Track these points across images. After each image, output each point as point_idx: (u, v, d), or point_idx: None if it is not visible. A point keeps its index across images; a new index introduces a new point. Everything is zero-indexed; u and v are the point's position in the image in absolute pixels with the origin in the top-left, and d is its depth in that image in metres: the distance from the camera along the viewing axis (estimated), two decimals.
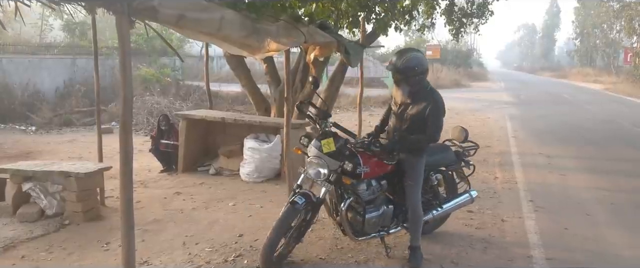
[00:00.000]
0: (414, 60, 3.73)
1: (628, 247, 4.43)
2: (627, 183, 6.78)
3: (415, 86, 3.76)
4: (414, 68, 3.69)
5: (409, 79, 3.73)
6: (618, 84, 30.47)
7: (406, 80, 3.75)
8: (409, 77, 3.72)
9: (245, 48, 3.76)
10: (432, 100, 3.71)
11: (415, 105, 3.75)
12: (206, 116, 7.06)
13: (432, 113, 3.67)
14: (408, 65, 3.70)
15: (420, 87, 3.77)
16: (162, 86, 15.06)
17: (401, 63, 3.72)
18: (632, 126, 12.98)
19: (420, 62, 3.75)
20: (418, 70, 3.70)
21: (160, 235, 4.55)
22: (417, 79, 3.73)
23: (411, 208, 3.96)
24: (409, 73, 3.70)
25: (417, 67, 3.70)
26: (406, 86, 3.77)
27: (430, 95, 3.75)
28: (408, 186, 3.93)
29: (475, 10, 11.73)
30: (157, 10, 2.46)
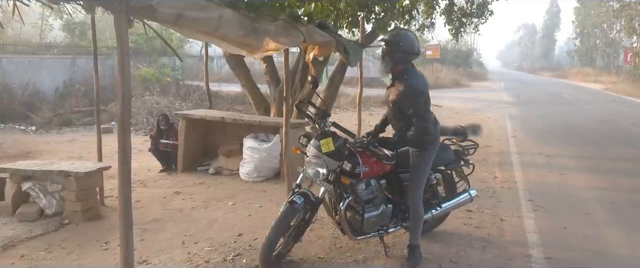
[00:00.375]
0: (400, 37, 3.72)
1: (627, 246, 4.43)
2: (626, 183, 6.78)
3: (397, 63, 3.69)
4: (399, 43, 3.66)
5: (392, 53, 3.69)
6: (618, 84, 30.48)
7: (390, 55, 3.70)
8: (393, 51, 3.68)
9: (243, 47, 3.77)
10: (406, 83, 3.63)
11: (395, 89, 3.71)
12: (205, 116, 7.07)
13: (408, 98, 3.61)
14: (393, 39, 3.70)
15: (402, 69, 3.71)
16: (162, 86, 15.08)
17: (388, 36, 3.79)
18: (632, 126, 12.98)
19: (406, 39, 3.71)
20: (402, 47, 3.65)
21: (159, 234, 4.55)
22: (400, 55, 3.67)
23: (412, 206, 3.94)
24: (393, 47, 3.68)
25: (402, 42, 3.66)
26: (390, 61, 3.71)
27: (406, 78, 3.67)
28: (410, 183, 3.93)
29: (475, 10, 11.73)
30: (156, 10, 2.46)
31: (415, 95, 3.63)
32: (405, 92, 3.62)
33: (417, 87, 3.65)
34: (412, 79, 3.67)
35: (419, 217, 3.96)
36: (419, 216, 3.96)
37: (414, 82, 3.65)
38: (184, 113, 7.40)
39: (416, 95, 3.63)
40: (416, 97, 3.63)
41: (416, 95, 3.63)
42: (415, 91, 3.63)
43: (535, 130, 11.90)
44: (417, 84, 3.66)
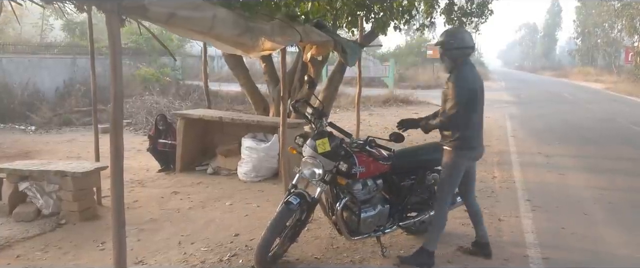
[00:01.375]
0: (451, 35, 3.81)
1: (625, 246, 4.41)
2: (625, 182, 6.76)
3: (454, 61, 3.76)
4: (449, 41, 3.74)
5: (446, 51, 3.77)
6: (619, 83, 30.41)
7: (447, 54, 3.78)
8: (446, 50, 3.77)
9: (239, 46, 3.76)
10: (457, 75, 3.68)
11: (447, 83, 3.75)
12: (204, 115, 7.06)
13: (453, 90, 3.62)
14: (445, 39, 3.78)
15: (459, 64, 3.75)
16: (162, 86, 15.10)
17: (441, 37, 3.83)
18: (632, 125, 12.94)
19: (457, 36, 3.79)
20: (454, 44, 3.72)
21: (156, 234, 4.54)
22: (454, 52, 3.74)
23: (435, 209, 3.91)
24: (445, 46, 3.76)
25: (453, 40, 3.74)
26: (448, 59, 3.79)
27: (457, 73, 3.71)
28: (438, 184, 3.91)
29: (475, 9, 11.71)
30: (147, 9, 2.45)
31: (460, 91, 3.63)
32: (452, 87, 3.64)
33: (464, 83, 3.66)
34: (461, 73, 3.71)
35: (440, 219, 3.88)
36: (440, 218, 3.88)
37: (461, 77, 3.68)
38: (182, 113, 7.39)
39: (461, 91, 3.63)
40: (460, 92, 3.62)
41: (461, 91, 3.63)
42: (460, 87, 3.63)
43: (535, 130, 11.88)
44: (464, 79, 3.67)
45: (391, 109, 16.75)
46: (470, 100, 3.65)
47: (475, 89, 3.71)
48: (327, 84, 9.58)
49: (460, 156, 3.77)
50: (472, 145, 3.81)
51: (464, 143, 3.75)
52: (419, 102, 18.16)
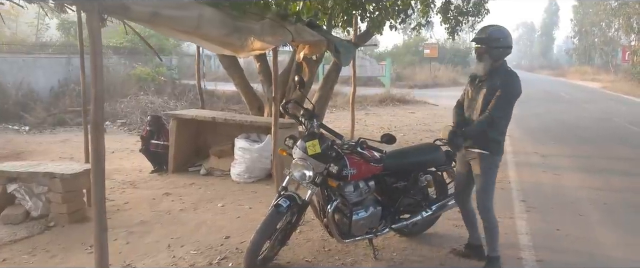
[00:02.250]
0: (498, 32, 3.62)
1: (620, 248, 4.37)
2: (621, 183, 6.71)
3: (497, 59, 3.59)
4: (498, 38, 3.57)
5: (492, 49, 3.57)
6: (616, 82, 30.44)
7: (489, 52, 3.57)
8: (492, 48, 3.57)
9: (226, 46, 3.69)
10: (506, 79, 3.53)
11: (489, 82, 3.57)
12: (197, 116, 6.99)
13: (501, 93, 3.48)
14: (491, 36, 3.60)
15: (500, 64, 3.62)
16: (157, 85, 15.01)
17: (485, 33, 3.63)
18: (629, 124, 12.91)
19: (504, 34, 3.63)
20: (502, 42, 3.57)
21: (145, 237, 4.48)
22: (500, 51, 3.57)
23: (482, 216, 3.78)
24: (493, 43, 3.57)
25: (501, 38, 3.58)
26: (489, 58, 3.59)
27: (506, 75, 3.57)
28: (477, 190, 3.76)
29: (472, 8, 11.67)
30: (129, 8, 2.39)
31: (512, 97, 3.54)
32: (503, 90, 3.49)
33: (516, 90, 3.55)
34: (513, 78, 3.58)
35: (493, 226, 3.76)
36: (492, 225, 3.76)
37: (515, 83, 3.55)
38: (175, 113, 7.32)
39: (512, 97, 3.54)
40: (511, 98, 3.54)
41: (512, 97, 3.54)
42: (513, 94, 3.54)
43: (531, 129, 11.84)
44: (517, 86, 3.56)
45: (388, 108, 16.70)
46: (513, 104, 3.59)
47: (520, 94, 3.61)
48: (323, 84, 9.51)
49: (497, 161, 3.69)
50: (503, 149, 3.75)
51: (500, 148, 3.69)
52: (416, 102, 18.11)
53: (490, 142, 3.62)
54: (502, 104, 3.49)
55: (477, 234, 4.04)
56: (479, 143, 3.63)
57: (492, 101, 3.50)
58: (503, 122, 3.62)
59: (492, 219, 3.78)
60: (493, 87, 3.52)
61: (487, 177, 3.67)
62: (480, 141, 3.63)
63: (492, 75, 3.58)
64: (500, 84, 3.51)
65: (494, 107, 3.48)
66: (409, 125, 12.32)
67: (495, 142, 3.64)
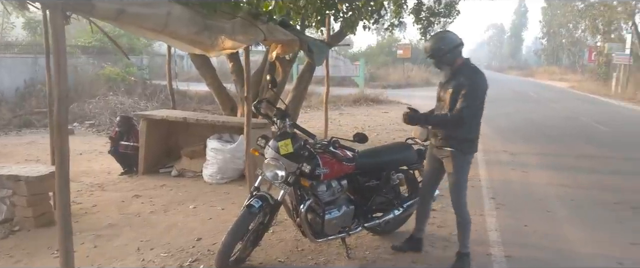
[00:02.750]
0: (439, 42, 3.69)
1: (586, 244, 4.48)
2: (587, 180, 6.90)
3: (453, 62, 3.66)
4: (441, 48, 3.64)
5: (441, 59, 3.66)
6: (583, 82, 31.37)
7: (440, 62, 3.69)
8: (441, 57, 3.66)
9: (196, 45, 3.64)
10: (471, 77, 3.60)
11: (454, 82, 3.63)
12: (168, 116, 6.87)
13: (467, 90, 3.53)
14: (434, 47, 3.67)
15: (462, 63, 3.68)
16: (128, 85, 14.71)
17: (428, 48, 3.73)
18: (594, 123, 13.30)
19: (444, 39, 3.70)
20: (445, 49, 3.63)
21: (114, 240, 4.37)
22: (449, 56, 3.64)
23: (457, 213, 3.85)
24: (438, 53, 3.65)
25: (443, 45, 3.64)
26: (445, 65, 3.69)
27: (470, 73, 3.63)
28: (451, 188, 3.80)
29: (443, 9, 11.86)
30: (94, 5, 2.33)
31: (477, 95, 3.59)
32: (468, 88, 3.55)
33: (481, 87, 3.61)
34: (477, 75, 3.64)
35: (466, 223, 3.84)
36: (466, 221, 3.84)
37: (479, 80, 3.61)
38: (144, 113, 7.18)
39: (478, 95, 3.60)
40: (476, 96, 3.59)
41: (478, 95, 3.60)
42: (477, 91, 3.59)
43: (501, 128, 12.07)
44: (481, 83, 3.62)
45: (361, 108, 16.78)
46: (482, 101, 3.65)
47: (487, 89, 3.68)
48: (296, 84, 9.49)
49: (470, 159, 3.76)
50: (476, 147, 3.80)
51: (473, 146, 3.74)
52: (389, 102, 18.26)
53: (462, 141, 3.67)
54: (470, 100, 3.54)
55: (424, 228, 4.15)
56: (451, 142, 3.68)
57: (459, 99, 3.55)
58: (474, 120, 3.66)
59: (466, 216, 3.85)
60: (459, 85, 3.59)
61: (460, 175, 3.73)
62: (451, 140, 3.67)
63: (457, 75, 3.65)
64: (465, 82, 3.57)
65: (462, 103, 3.54)
66: (382, 124, 12.41)
67: (467, 141, 3.69)
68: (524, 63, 71.75)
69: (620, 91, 24.44)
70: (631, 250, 4.33)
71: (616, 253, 4.24)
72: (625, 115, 16.02)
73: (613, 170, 7.64)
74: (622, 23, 29.25)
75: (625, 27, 29.21)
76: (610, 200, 5.87)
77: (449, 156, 3.71)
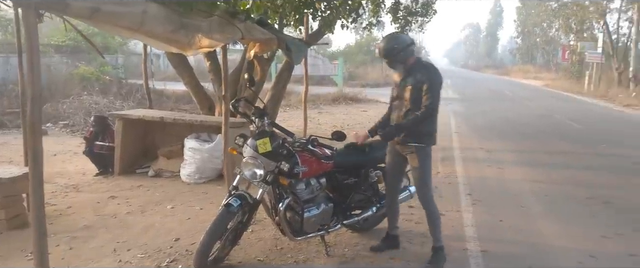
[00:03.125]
0: (391, 40, 3.81)
1: (560, 238, 4.59)
2: (561, 176, 7.07)
3: (406, 61, 3.76)
4: (393, 47, 3.74)
5: (395, 58, 3.76)
6: (556, 80, 32.09)
7: (394, 61, 3.78)
8: (394, 56, 3.75)
9: (173, 44, 3.61)
10: (428, 72, 3.70)
11: (411, 79, 3.72)
12: (144, 116, 6.79)
13: (429, 85, 3.63)
14: (387, 47, 3.76)
15: (413, 62, 3.78)
16: (102, 85, 14.46)
17: (382, 49, 3.82)
18: (568, 120, 13.62)
19: (397, 39, 3.83)
20: (398, 48, 3.73)
21: (90, 242, 4.30)
22: (402, 54, 3.74)
23: (425, 207, 3.92)
24: (392, 53, 3.75)
25: (396, 44, 3.75)
26: (399, 64, 3.79)
27: (425, 69, 3.74)
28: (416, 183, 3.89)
29: (420, 9, 12.00)
30: (68, 4, 2.29)
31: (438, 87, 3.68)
32: (430, 82, 3.64)
33: (440, 79, 3.72)
34: (433, 69, 3.76)
35: (435, 217, 3.92)
36: (434, 215, 3.92)
37: (436, 73, 3.72)
38: (120, 113, 7.07)
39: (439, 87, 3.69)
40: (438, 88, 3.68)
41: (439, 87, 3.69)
42: (438, 83, 3.68)
43: (477, 126, 12.27)
44: (439, 76, 3.73)
45: (340, 107, 16.84)
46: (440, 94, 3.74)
47: (442, 83, 3.77)
48: (275, 83, 9.48)
49: (430, 152, 3.85)
50: (435, 141, 3.88)
51: (433, 139, 3.84)
52: (368, 100, 18.37)
53: (425, 135, 3.78)
54: (434, 93, 3.65)
55: (397, 224, 4.23)
56: (415, 138, 3.78)
57: (423, 95, 3.65)
58: (435, 113, 3.77)
59: (435, 209, 3.94)
60: (418, 82, 3.69)
61: (424, 168, 3.83)
62: (416, 135, 3.77)
63: (413, 72, 3.75)
64: (424, 78, 3.67)
65: (429, 99, 3.64)
66: (361, 123, 12.47)
67: (429, 134, 3.81)
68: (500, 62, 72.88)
69: (592, 89, 25.07)
70: (603, 243, 4.46)
71: (588, 247, 4.35)
72: (598, 113, 16.44)
73: (586, 165, 7.84)
74: (594, 22, 29.90)
75: (597, 27, 29.90)
76: (583, 195, 6.03)
77: (414, 151, 3.81)
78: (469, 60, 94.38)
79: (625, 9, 26.91)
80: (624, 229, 4.81)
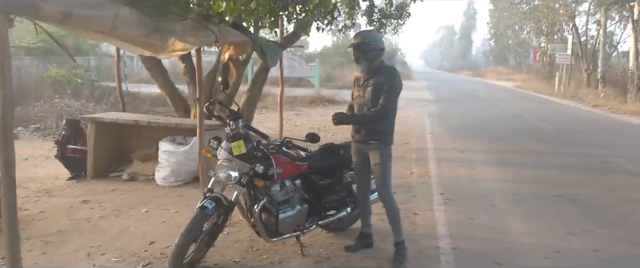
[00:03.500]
0: (369, 36, 3.97)
1: (528, 235, 4.74)
2: (530, 175, 7.28)
3: (372, 62, 3.88)
4: (370, 43, 3.87)
5: (366, 53, 3.87)
6: (528, 82, 32.84)
7: (364, 55, 3.88)
8: (366, 51, 3.86)
9: (146, 47, 3.62)
10: (389, 75, 3.85)
11: (374, 80, 3.85)
12: (118, 119, 6.73)
13: (388, 87, 3.78)
14: (363, 41, 3.89)
15: (378, 64, 3.91)
16: (74, 88, 14.20)
17: (358, 39, 3.92)
18: (538, 120, 13.99)
19: (375, 38, 3.96)
20: (374, 45, 3.87)
21: (63, 246, 4.26)
22: (373, 53, 3.87)
23: (385, 204, 4.03)
24: (366, 47, 3.86)
25: (373, 42, 3.88)
26: (365, 61, 3.89)
27: (388, 72, 3.88)
28: (377, 181, 3.99)
29: (394, 11, 12.16)
30: (40, 8, 2.29)
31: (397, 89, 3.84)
32: (388, 84, 3.79)
33: (399, 83, 3.87)
34: (394, 72, 3.91)
35: (395, 212, 4.03)
36: (394, 210, 4.03)
37: (396, 77, 3.87)
38: (92, 116, 6.98)
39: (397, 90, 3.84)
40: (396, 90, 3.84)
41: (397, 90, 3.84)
42: (397, 87, 3.83)
43: (451, 127, 12.50)
44: (399, 80, 3.88)
45: (317, 108, 16.93)
46: (398, 96, 3.89)
47: (401, 87, 3.93)
48: (251, 85, 9.47)
49: (391, 150, 3.98)
50: (391, 139, 4.00)
51: (391, 138, 3.98)
52: (345, 102, 18.30)
53: (382, 134, 3.92)
54: (391, 96, 3.81)
55: (370, 222, 4.34)
56: (375, 136, 3.93)
57: (382, 95, 3.79)
58: (392, 114, 3.91)
59: (394, 205, 4.06)
60: (379, 83, 3.83)
61: (384, 166, 3.95)
62: (374, 133, 3.92)
63: (376, 74, 3.88)
64: (385, 80, 3.82)
65: (385, 99, 3.79)
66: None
67: (387, 134, 3.95)
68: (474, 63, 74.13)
69: (563, 90, 25.75)
70: (568, 240, 4.63)
71: (555, 243, 4.51)
72: (567, 113, 16.92)
73: (554, 164, 8.08)
74: (564, 25, 30.70)
75: (566, 29, 30.70)
76: (551, 193, 6.23)
77: (374, 149, 3.94)
78: (444, 62, 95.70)
79: (593, 11, 27.70)
80: (589, 226, 5.00)
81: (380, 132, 3.91)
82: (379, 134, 3.92)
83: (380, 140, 3.92)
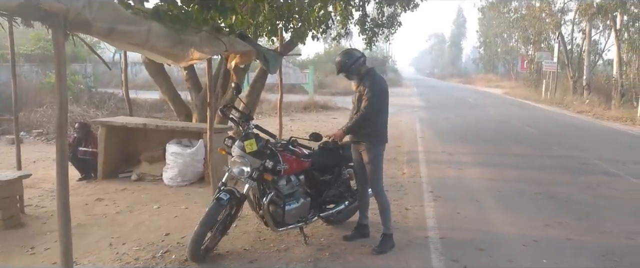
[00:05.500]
0: (343, 56, 4.42)
1: (509, 226, 5.22)
2: (513, 174, 7.78)
3: (358, 72, 4.37)
4: (345, 61, 4.35)
5: (349, 71, 4.37)
6: (516, 89, 33.57)
7: (349, 74, 4.38)
8: (348, 70, 4.37)
9: (170, 57, 4.06)
10: (369, 81, 4.31)
11: (360, 87, 4.35)
12: (127, 123, 7.13)
13: (367, 92, 4.25)
14: (341, 62, 4.38)
15: (364, 71, 4.39)
16: (74, 93, 14.54)
17: (337, 64, 4.44)
18: (524, 125, 14.55)
19: (348, 55, 4.43)
20: (349, 62, 4.34)
21: (85, 238, 4.66)
22: (353, 67, 4.34)
23: (377, 199, 4.46)
24: (345, 67, 4.37)
25: (347, 59, 4.36)
26: (352, 76, 4.40)
27: (371, 78, 4.34)
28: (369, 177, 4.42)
29: (386, 21, 12.66)
30: (92, 25, 2.72)
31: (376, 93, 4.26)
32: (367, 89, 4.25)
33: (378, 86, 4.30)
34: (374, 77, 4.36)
35: (385, 208, 4.47)
36: (385, 205, 4.48)
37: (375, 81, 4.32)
38: (103, 120, 7.39)
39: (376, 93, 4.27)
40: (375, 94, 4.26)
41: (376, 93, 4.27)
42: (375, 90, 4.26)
43: (441, 131, 13.02)
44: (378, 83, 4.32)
45: (311, 114, 17.39)
46: (381, 99, 4.32)
47: (386, 90, 4.40)
48: (250, 91, 9.91)
49: (381, 149, 4.42)
50: (385, 139, 4.45)
51: (382, 138, 4.42)
52: (338, 108, 18.98)
53: (368, 135, 4.38)
54: (371, 101, 4.26)
55: (368, 214, 4.78)
56: (363, 137, 4.39)
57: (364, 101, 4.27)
58: (379, 116, 4.35)
59: (385, 200, 4.52)
60: (364, 88, 4.32)
61: (375, 163, 4.41)
62: (361, 135, 4.40)
63: (363, 81, 4.38)
64: (365, 85, 4.31)
65: (364, 104, 4.26)
66: (332, 129, 12.98)
67: (374, 135, 4.40)
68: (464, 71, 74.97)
69: (549, 96, 26.44)
70: (545, 230, 5.10)
71: (533, 233, 4.98)
72: (552, 118, 17.52)
73: (537, 166, 8.58)
74: (550, 33, 31.44)
75: (553, 37, 31.42)
76: (532, 190, 6.72)
77: (364, 149, 4.41)
78: (435, 69, 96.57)
79: (578, 21, 28.46)
80: (565, 219, 5.49)
81: (366, 134, 4.37)
82: (366, 135, 4.37)
83: (368, 141, 4.38)
